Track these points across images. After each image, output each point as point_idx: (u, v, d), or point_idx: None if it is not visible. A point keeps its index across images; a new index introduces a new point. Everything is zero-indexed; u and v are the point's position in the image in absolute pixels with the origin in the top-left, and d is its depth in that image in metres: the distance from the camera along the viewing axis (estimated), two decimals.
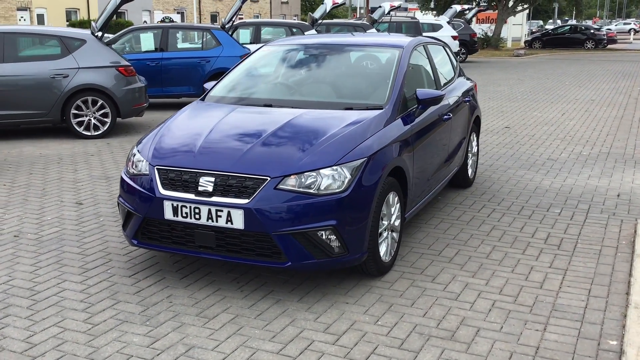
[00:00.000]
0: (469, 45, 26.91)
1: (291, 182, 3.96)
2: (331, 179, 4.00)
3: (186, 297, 4.13)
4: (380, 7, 19.66)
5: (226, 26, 13.50)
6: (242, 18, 54.61)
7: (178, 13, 50.96)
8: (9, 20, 38.27)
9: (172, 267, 4.60)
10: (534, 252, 4.96)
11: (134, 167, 4.42)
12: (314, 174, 3.99)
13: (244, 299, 4.10)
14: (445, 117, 5.60)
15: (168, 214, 4.13)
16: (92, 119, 9.63)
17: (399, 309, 3.96)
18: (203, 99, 5.24)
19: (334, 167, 4.03)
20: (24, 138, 9.74)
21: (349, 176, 4.04)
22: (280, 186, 3.94)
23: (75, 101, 9.46)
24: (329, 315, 3.89)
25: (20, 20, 39.05)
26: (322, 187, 3.97)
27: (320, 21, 16.96)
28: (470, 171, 6.80)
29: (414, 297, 4.14)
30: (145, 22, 27.45)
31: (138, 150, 4.52)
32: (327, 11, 16.71)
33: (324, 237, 3.97)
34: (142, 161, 4.37)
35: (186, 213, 4.07)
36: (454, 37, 24.38)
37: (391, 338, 3.62)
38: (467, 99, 6.42)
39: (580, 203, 6.28)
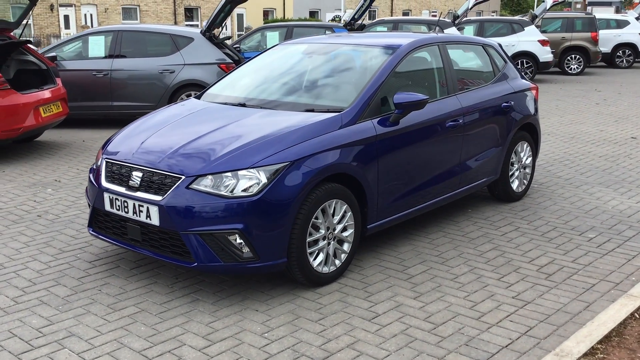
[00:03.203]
0: None
1: (206, 183, 3.93)
2: (248, 181, 3.91)
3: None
4: (543, 1, 18.45)
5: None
6: (434, 15, 53.96)
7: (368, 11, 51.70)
8: None
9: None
10: (511, 279, 4.41)
11: (96, 159, 4.68)
12: (230, 175, 3.93)
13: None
14: (450, 123, 5.15)
15: (107, 206, 4.32)
16: None
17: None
18: (198, 97, 5.35)
19: (251, 170, 3.94)
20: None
21: (264, 180, 3.92)
22: (193, 185, 3.93)
23: (180, 95, 10.10)
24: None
25: None
26: (237, 189, 3.89)
27: (540, 18, 18.19)
28: (515, 184, 6.18)
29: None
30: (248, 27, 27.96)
31: (103, 144, 4.76)
32: (548, 8, 18.07)
33: (232, 240, 3.89)
34: (100, 154, 4.61)
35: (119, 206, 4.23)
36: None
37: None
38: (505, 104, 5.83)
39: (630, 229, 5.43)
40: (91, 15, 37.58)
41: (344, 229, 4.37)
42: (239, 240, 3.89)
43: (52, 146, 8.97)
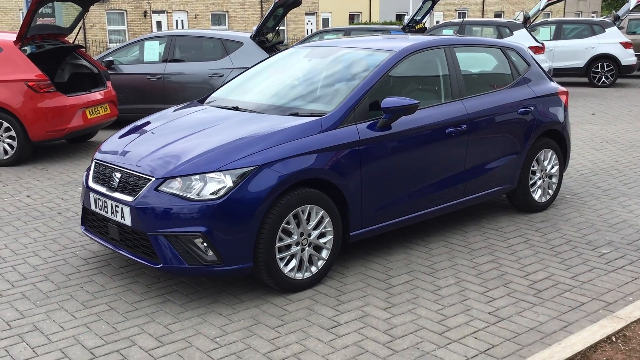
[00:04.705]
0: None
1: (174, 185, 3.97)
2: (217, 185, 3.92)
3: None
4: (627, 2, 17.47)
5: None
6: (548, 15, 52.34)
7: (459, 13, 50.78)
8: (297, 25, 42.10)
9: None
10: (495, 294, 4.19)
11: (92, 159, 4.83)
12: (198, 177, 3.95)
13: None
14: (452, 129, 4.95)
15: (92, 205, 4.45)
16: None
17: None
18: (202, 101, 5.41)
19: (217, 173, 3.94)
20: None
21: (230, 183, 3.91)
22: (162, 188, 3.98)
23: None
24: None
25: (307, 24, 42.70)
26: (205, 192, 3.90)
27: (623, 19, 17.71)
28: (538, 194, 5.86)
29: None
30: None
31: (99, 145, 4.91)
32: (631, 9, 17.51)
33: (197, 243, 3.91)
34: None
35: (100, 206, 4.35)
36: None
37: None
38: (523, 109, 5.55)
39: None
40: (182, 21, 38.90)
41: (322, 236, 4.29)
42: (203, 244, 3.90)
43: None
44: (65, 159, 8.46)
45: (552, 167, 5.99)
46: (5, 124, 7.93)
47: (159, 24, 37.81)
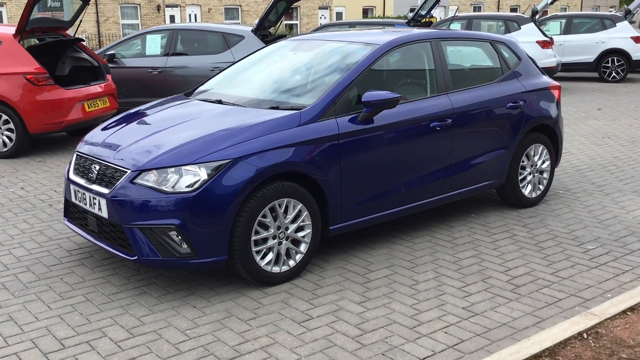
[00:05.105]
0: None
1: (149, 177, 3.98)
2: (193, 177, 3.93)
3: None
4: None
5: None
6: (565, 9, 51.80)
7: (474, 7, 50.40)
8: (311, 19, 42.04)
9: None
10: (472, 289, 4.17)
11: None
12: (173, 170, 3.96)
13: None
14: (436, 123, 4.92)
15: (73, 197, 4.48)
16: None
17: None
18: (188, 94, 5.41)
19: (192, 165, 3.95)
20: None
21: (204, 176, 3.91)
22: (137, 180, 3.99)
23: None
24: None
25: (320, 18, 42.61)
26: (180, 185, 3.91)
27: (635, 13, 17.21)
28: (528, 189, 5.81)
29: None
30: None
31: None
32: None
33: (171, 235, 3.92)
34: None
35: (80, 198, 4.37)
36: None
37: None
38: (512, 103, 5.49)
39: (639, 242, 4.98)
40: (195, 15, 38.98)
41: (300, 229, 4.29)
42: (177, 236, 3.91)
43: None
44: (64, 152, 8.51)
45: (543, 163, 5.93)
46: (4, 117, 8.00)
47: (172, 17, 37.91)
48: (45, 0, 20.41)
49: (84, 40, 9.38)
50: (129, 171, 4.04)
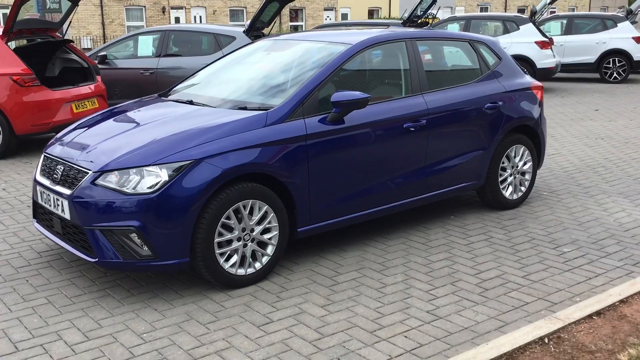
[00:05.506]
0: None
1: (111, 179, 3.94)
2: (155, 179, 3.88)
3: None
4: None
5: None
6: (554, 12, 51.51)
7: (481, 8, 50.22)
8: (316, 20, 42.02)
9: None
10: (440, 292, 4.10)
11: None
12: (135, 171, 3.91)
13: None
14: (409, 124, 4.85)
15: (39, 198, 4.44)
16: None
17: None
18: (163, 94, 5.37)
19: (154, 167, 3.90)
20: None
21: (165, 177, 3.87)
22: (98, 181, 3.95)
23: None
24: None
25: (326, 19, 42.56)
26: (142, 186, 3.87)
27: (637, 13, 16.99)
28: (509, 191, 5.73)
29: None
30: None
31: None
32: None
33: (132, 237, 3.88)
34: None
35: (45, 199, 4.34)
36: None
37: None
38: (490, 104, 5.42)
39: (616, 245, 4.90)
40: (200, 17, 39.04)
41: (266, 231, 4.23)
42: (137, 238, 3.86)
43: None
44: None
45: (525, 164, 5.85)
46: None
47: (177, 19, 37.99)
48: (44, 2, 20.53)
49: (73, 41, 9.36)
50: (90, 172, 4.00)
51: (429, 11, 13.78)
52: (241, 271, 4.16)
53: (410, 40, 5.15)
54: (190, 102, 4.81)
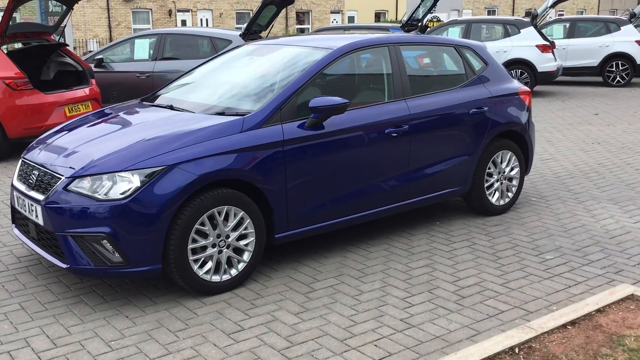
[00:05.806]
0: None
1: (83, 184, 3.92)
2: (127, 184, 3.86)
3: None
4: None
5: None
6: (562, 14, 51.31)
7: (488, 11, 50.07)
8: (323, 23, 41.99)
9: None
10: (416, 300, 4.05)
11: None
12: (107, 177, 3.89)
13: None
14: (391, 129, 4.81)
15: (16, 204, 4.43)
16: None
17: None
18: (146, 99, 5.35)
19: (126, 172, 3.88)
20: None
21: (137, 183, 3.85)
22: (70, 187, 3.94)
23: None
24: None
25: (332, 22, 42.56)
26: (114, 192, 3.84)
27: (639, 16, 16.82)
28: (495, 197, 5.68)
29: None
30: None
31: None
32: None
33: (103, 244, 3.85)
34: None
35: (21, 205, 4.33)
36: None
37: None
38: (475, 109, 5.37)
39: (600, 252, 4.83)
40: (207, 20, 39.12)
41: (242, 237, 4.20)
42: (108, 245, 3.84)
43: None
44: None
45: (512, 170, 5.79)
46: None
47: (183, 22, 38.08)
48: (47, 5, 20.63)
49: (67, 45, 9.37)
50: (63, 177, 3.98)
51: (431, 14, 13.69)
52: (216, 278, 4.13)
53: (394, 45, 5.11)
54: (171, 107, 4.79)
